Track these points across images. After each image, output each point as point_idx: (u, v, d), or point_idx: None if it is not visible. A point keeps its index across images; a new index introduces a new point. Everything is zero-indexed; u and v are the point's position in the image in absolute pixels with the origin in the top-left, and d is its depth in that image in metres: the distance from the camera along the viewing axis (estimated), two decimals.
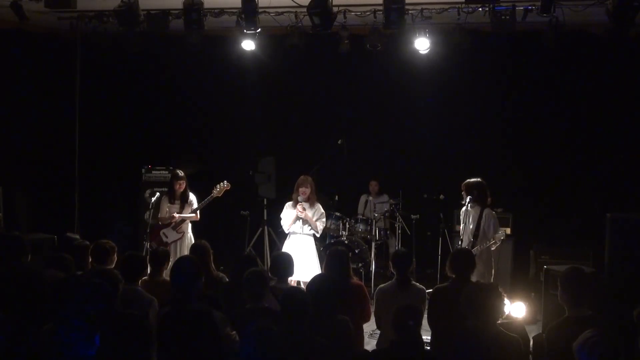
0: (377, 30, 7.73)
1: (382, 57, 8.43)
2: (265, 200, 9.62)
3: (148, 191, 9.06)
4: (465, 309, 4.04)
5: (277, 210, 7.97)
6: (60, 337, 3.31)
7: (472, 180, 6.93)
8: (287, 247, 7.46)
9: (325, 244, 9.12)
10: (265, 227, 9.44)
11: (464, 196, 6.90)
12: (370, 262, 8.83)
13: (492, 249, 6.76)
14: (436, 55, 8.14)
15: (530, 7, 7.15)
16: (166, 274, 5.62)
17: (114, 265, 5.64)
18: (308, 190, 7.46)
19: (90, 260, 5.80)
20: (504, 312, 4.12)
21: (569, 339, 3.46)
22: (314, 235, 7.65)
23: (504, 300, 4.10)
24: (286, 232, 7.64)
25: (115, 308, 4.08)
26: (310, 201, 7.51)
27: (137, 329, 3.78)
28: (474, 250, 6.47)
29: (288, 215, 7.54)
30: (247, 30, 7.47)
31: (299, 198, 7.44)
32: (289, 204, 7.59)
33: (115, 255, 5.71)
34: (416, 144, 9.87)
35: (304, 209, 7.43)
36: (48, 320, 3.86)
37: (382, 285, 5.48)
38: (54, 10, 7.33)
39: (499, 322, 4.10)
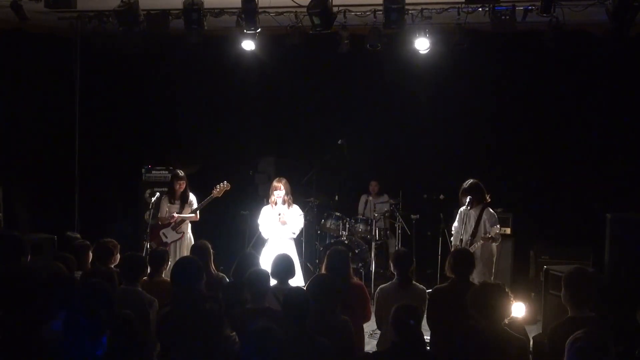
0: (377, 30, 7.73)
1: (382, 57, 8.43)
2: (265, 200, 9.61)
3: (148, 191, 9.06)
4: (472, 308, 4.04)
5: None
6: (67, 336, 3.30)
7: (468, 183, 6.95)
8: (267, 252, 7.36)
9: (325, 244, 9.13)
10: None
11: (462, 199, 6.93)
12: (370, 262, 8.83)
13: (494, 245, 6.79)
14: (436, 55, 8.14)
15: (530, 7, 7.15)
16: (165, 274, 5.63)
17: (117, 264, 5.65)
18: (282, 193, 7.42)
19: (91, 259, 5.81)
20: (510, 312, 4.12)
21: None
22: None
23: (511, 300, 4.10)
24: (265, 237, 7.59)
25: (114, 308, 4.09)
26: (287, 203, 7.47)
27: (134, 330, 3.78)
28: (471, 248, 6.53)
29: (266, 220, 7.48)
30: (247, 30, 7.47)
31: (277, 200, 7.40)
32: (266, 208, 7.54)
33: (118, 254, 5.72)
34: (416, 144, 9.86)
35: (285, 222, 7.38)
36: (48, 319, 3.87)
37: (383, 285, 5.48)
38: (54, 10, 7.32)
39: None
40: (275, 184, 7.50)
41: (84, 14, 8.21)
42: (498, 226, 6.77)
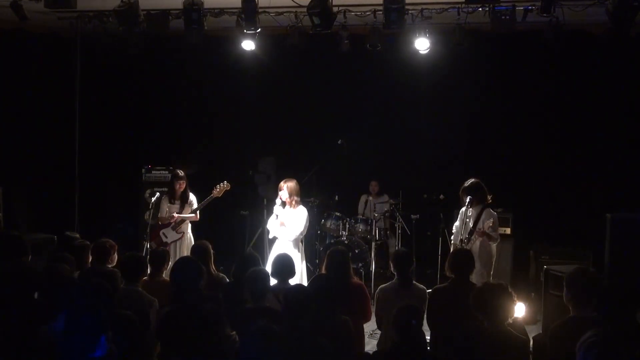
0: (377, 30, 7.73)
1: (382, 57, 8.43)
2: (265, 200, 9.61)
3: (148, 191, 9.06)
4: (476, 309, 4.04)
5: None
6: (67, 336, 3.30)
7: (469, 182, 6.94)
8: (274, 252, 7.29)
9: (325, 244, 9.13)
10: (266, 227, 9.42)
11: (463, 198, 6.93)
12: (370, 262, 8.82)
13: (494, 245, 6.78)
14: (436, 55, 8.14)
15: (530, 7, 7.16)
16: (166, 274, 5.63)
17: (114, 264, 5.65)
18: (285, 194, 7.25)
19: (90, 259, 5.81)
20: (513, 312, 4.11)
21: (572, 339, 3.45)
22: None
23: (514, 300, 4.09)
24: (270, 237, 7.58)
25: (114, 308, 4.09)
26: (291, 205, 7.31)
27: (135, 329, 3.79)
28: (467, 246, 6.55)
29: (272, 221, 7.45)
30: (247, 30, 7.48)
31: (277, 201, 7.36)
32: (276, 208, 7.49)
33: (116, 254, 5.71)
34: (416, 144, 9.87)
35: (282, 223, 7.28)
36: (48, 319, 3.87)
37: (383, 285, 5.48)
38: (54, 10, 7.33)
39: None
40: (280, 184, 7.43)
41: (84, 14, 8.21)
42: (490, 220, 6.74)
